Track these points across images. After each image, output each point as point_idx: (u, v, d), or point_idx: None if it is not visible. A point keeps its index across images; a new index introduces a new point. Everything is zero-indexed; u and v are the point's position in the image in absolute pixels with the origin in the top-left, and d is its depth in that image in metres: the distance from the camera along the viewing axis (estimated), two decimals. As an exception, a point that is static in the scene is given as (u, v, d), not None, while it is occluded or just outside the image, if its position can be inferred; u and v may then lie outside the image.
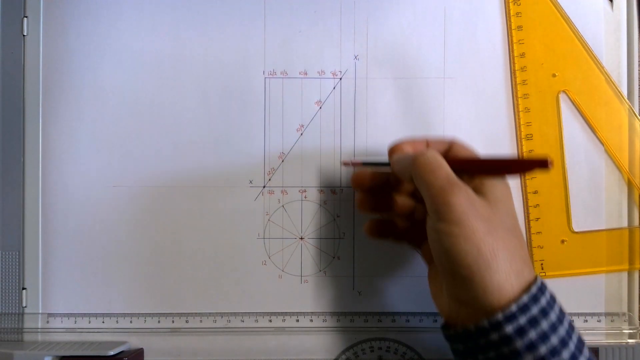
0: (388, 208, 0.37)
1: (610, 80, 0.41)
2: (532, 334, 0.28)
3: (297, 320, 0.41)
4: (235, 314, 0.41)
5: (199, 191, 0.41)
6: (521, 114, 0.41)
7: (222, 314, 0.41)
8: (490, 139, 0.41)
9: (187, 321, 0.41)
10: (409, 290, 0.41)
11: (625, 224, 0.41)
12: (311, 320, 0.41)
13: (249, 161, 0.41)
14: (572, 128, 0.41)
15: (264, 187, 0.41)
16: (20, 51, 0.40)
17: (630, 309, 0.41)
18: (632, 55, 0.41)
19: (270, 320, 0.41)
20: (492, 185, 0.31)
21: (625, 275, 0.41)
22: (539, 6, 0.41)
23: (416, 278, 0.41)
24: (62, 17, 0.41)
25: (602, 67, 0.41)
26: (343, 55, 0.41)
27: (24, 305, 0.40)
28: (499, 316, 0.28)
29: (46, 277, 0.40)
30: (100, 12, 0.41)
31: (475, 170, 0.32)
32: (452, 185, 0.30)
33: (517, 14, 0.41)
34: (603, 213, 0.41)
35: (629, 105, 0.41)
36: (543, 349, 0.28)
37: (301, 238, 0.41)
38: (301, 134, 0.41)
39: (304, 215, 0.41)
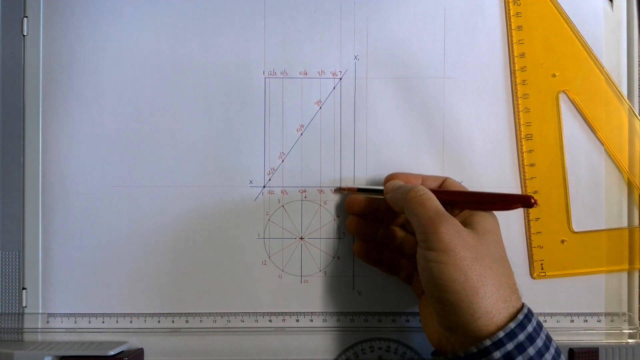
0: (376, 235, 0.39)
1: (610, 80, 0.41)
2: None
3: (297, 320, 0.41)
4: (235, 314, 0.41)
5: (199, 191, 0.41)
6: (521, 114, 0.41)
7: (222, 314, 0.41)
8: (490, 139, 0.41)
9: (187, 321, 0.41)
10: (409, 290, 0.40)
11: (625, 224, 0.41)
12: (311, 320, 0.41)
13: (249, 161, 0.41)
14: (572, 128, 0.41)
15: (264, 187, 0.41)
16: (20, 51, 0.40)
17: (630, 309, 0.41)
18: (632, 55, 0.41)
19: (270, 320, 0.41)
20: (480, 217, 0.33)
21: (625, 275, 0.41)
22: (539, 6, 0.41)
23: (416, 278, 0.41)
24: (62, 17, 0.41)
25: (602, 67, 0.41)
26: (343, 55, 0.41)
27: (24, 305, 0.40)
28: (487, 342, 0.29)
29: (46, 277, 0.40)
30: (100, 12, 0.41)
31: (464, 203, 0.35)
32: (440, 217, 0.31)
33: (517, 14, 0.41)
34: (603, 213, 0.41)
35: (629, 105, 0.41)
36: None
37: (301, 238, 0.41)
38: (301, 134, 0.41)
39: (304, 215, 0.41)
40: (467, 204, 0.35)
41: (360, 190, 0.39)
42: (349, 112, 0.41)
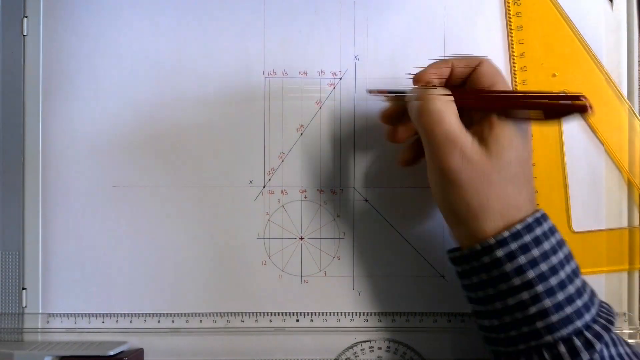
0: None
1: (610, 80, 0.41)
2: (522, 259, 0.30)
3: (297, 320, 0.41)
4: (235, 314, 0.41)
5: (199, 191, 0.41)
6: (521, 114, 0.41)
7: (222, 314, 0.41)
8: (490, 139, 0.41)
9: (187, 321, 0.41)
10: (409, 290, 0.40)
11: (625, 224, 0.41)
12: (311, 320, 0.41)
13: (249, 161, 0.41)
14: (572, 128, 0.41)
15: (264, 187, 0.41)
16: (20, 51, 0.40)
17: (630, 309, 0.41)
18: (632, 55, 0.41)
19: (270, 320, 0.41)
20: (500, 131, 0.31)
21: (625, 275, 0.41)
22: (539, 6, 0.41)
23: (416, 278, 0.41)
24: (62, 17, 0.41)
25: (602, 67, 0.41)
26: (343, 55, 0.41)
27: (24, 305, 0.40)
28: (491, 241, 0.30)
29: (46, 277, 0.40)
30: (100, 12, 0.41)
31: (490, 106, 0.32)
32: (448, 144, 0.31)
33: (517, 14, 0.41)
34: (603, 213, 0.41)
35: (629, 105, 0.41)
36: (531, 274, 0.30)
37: (301, 238, 0.41)
38: (301, 134, 0.41)
39: (304, 215, 0.41)
40: (494, 109, 0.32)
41: (390, 93, 0.36)
42: (349, 112, 0.41)
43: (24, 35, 0.41)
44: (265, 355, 0.41)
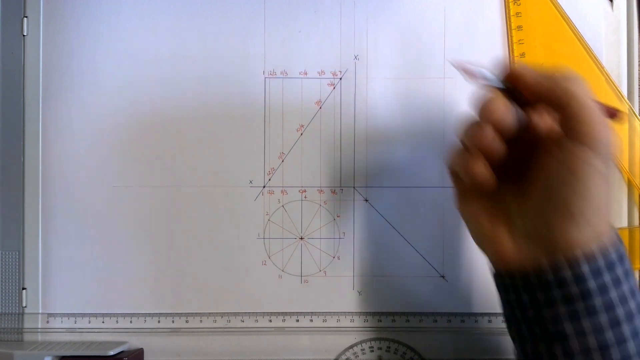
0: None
1: (610, 80, 0.41)
2: (613, 294, 0.25)
3: (297, 320, 0.41)
4: (235, 314, 0.41)
5: (199, 191, 0.41)
6: (521, 114, 0.41)
7: (222, 314, 0.41)
8: (490, 139, 0.41)
9: (187, 321, 0.41)
10: (409, 290, 0.40)
11: (625, 224, 0.41)
12: (311, 320, 0.41)
13: (249, 161, 0.41)
14: (572, 128, 0.41)
15: (264, 187, 0.41)
16: (20, 51, 0.40)
17: (630, 309, 0.41)
18: (632, 55, 0.41)
19: (270, 320, 0.41)
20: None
21: (625, 275, 0.41)
22: (539, 6, 0.41)
23: (416, 278, 0.41)
24: (62, 17, 0.41)
25: (602, 67, 0.41)
26: (343, 55, 0.41)
27: (24, 305, 0.40)
28: (582, 262, 0.25)
29: (46, 277, 0.41)
30: (100, 12, 0.41)
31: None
32: (601, 115, 0.27)
33: (517, 14, 0.41)
34: (603, 213, 0.41)
35: (629, 105, 0.41)
36: (620, 312, 0.25)
37: (301, 238, 0.41)
38: (301, 134, 0.41)
39: (304, 215, 0.41)
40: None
41: (483, 77, 0.30)
42: (349, 112, 0.41)
43: (24, 35, 0.41)
44: (265, 355, 0.41)
